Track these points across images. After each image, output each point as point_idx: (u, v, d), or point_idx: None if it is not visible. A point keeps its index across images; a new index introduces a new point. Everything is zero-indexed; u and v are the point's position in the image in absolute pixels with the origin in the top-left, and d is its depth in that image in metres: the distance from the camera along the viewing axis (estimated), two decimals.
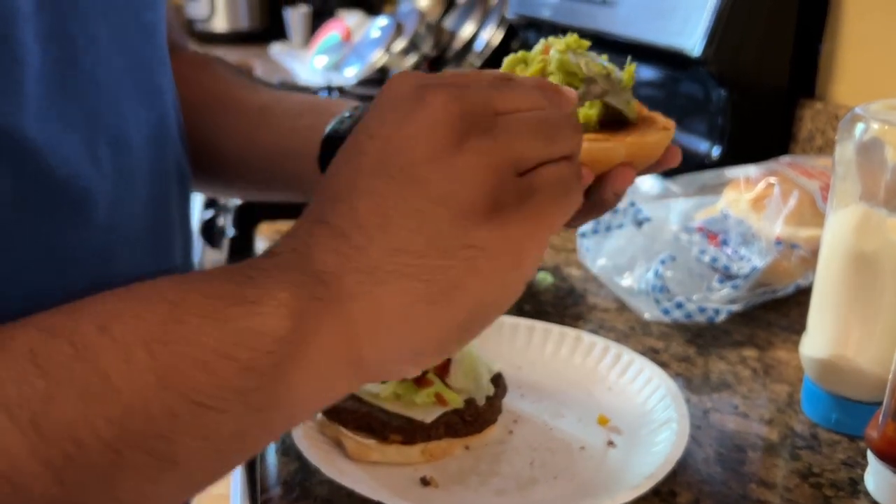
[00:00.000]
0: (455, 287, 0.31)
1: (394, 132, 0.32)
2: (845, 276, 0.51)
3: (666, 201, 0.77)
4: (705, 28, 0.95)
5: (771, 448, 0.54)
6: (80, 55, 0.39)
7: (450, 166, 0.31)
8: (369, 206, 0.31)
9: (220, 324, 0.28)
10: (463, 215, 0.31)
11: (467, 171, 0.31)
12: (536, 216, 0.32)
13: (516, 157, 0.32)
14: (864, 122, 0.50)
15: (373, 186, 0.31)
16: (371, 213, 0.31)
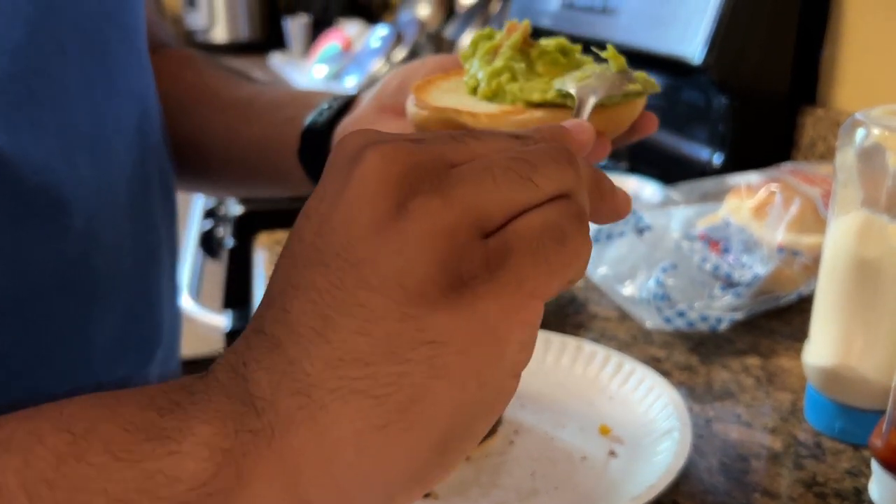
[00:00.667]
0: (415, 400, 0.24)
1: (329, 208, 0.25)
2: (848, 284, 0.51)
3: (667, 209, 0.76)
4: (706, 36, 0.95)
5: (774, 457, 0.53)
6: (50, 64, 0.38)
7: (391, 240, 0.24)
8: (303, 306, 0.25)
9: (127, 465, 0.23)
10: (413, 302, 0.24)
11: (412, 242, 0.24)
12: (516, 285, 0.24)
13: (477, 212, 0.25)
14: (864, 127, 0.50)
15: (307, 280, 0.25)
16: (306, 315, 0.24)
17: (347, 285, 0.24)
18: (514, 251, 0.25)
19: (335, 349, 0.24)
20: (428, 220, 0.24)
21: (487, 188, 0.25)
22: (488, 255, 0.24)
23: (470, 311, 0.24)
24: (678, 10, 1.00)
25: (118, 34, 0.46)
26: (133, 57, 0.48)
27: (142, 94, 0.49)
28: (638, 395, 0.57)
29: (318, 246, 0.25)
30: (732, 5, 0.94)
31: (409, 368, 0.24)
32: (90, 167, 0.42)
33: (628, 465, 0.51)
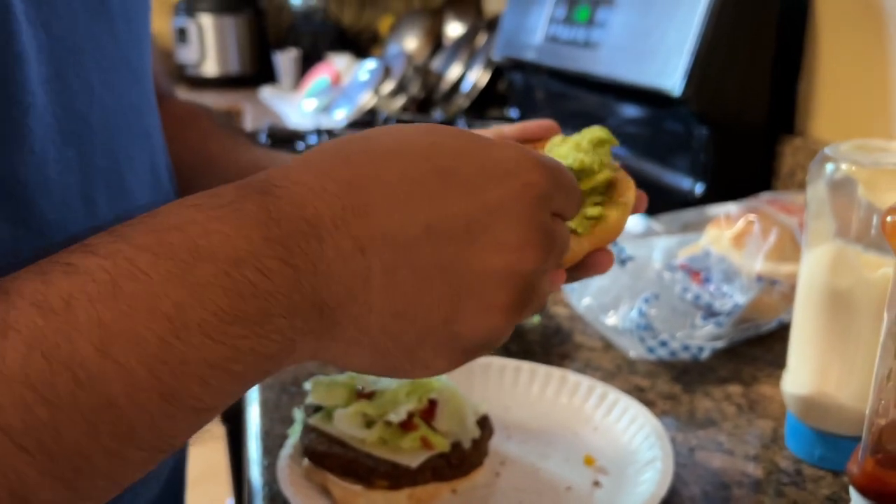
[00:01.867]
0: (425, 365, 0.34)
1: (484, 250, 0.32)
2: (822, 314, 0.52)
3: (649, 239, 0.78)
4: (685, 69, 0.97)
5: (756, 485, 0.54)
6: (75, 99, 0.40)
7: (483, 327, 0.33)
8: (408, 289, 0.32)
9: (220, 342, 0.28)
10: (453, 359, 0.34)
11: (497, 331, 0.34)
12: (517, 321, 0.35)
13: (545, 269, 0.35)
14: (833, 162, 0.51)
15: (428, 277, 0.32)
16: (403, 295, 0.31)
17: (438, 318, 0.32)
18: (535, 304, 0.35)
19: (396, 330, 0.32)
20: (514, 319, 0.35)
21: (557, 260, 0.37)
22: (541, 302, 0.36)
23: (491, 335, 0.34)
24: (658, 44, 1.03)
25: (131, 77, 0.47)
26: (144, 100, 0.49)
27: (151, 134, 0.50)
28: (621, 425, 0.58)
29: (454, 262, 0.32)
30: (710, 39, 0.96)
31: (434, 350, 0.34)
32: (106, 205, 0.43)
33: (612, 495, 0.52)
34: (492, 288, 0.33)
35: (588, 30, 1.20)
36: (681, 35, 0.99)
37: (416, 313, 0.32)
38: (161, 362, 0.27)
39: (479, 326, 0.33)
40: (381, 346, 0.32)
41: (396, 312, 0.31)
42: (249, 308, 0.28)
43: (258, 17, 2.52)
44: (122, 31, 0.44)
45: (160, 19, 2.54)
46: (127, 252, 0.28)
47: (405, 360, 0.33)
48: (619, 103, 1.20)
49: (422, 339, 0.32)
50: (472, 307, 0.32)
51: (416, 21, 2.24)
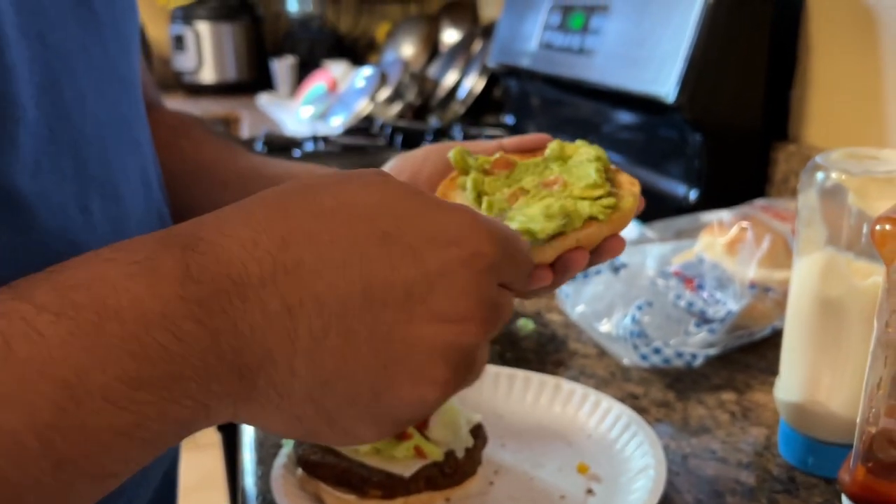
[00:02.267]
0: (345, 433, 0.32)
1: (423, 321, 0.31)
2: (813, 322, 0.52)
3: (642, 246, 0.78)
4: (678, 75, 0.98)
5: (749, 493, 0.54)
6: (70, 108, 0.40)
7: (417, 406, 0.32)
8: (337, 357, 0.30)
9: (124, 409, 0.26)
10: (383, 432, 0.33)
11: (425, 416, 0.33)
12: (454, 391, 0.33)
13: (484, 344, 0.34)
14: (824, 171, 0.51)
15: (360, 346, 0.30)
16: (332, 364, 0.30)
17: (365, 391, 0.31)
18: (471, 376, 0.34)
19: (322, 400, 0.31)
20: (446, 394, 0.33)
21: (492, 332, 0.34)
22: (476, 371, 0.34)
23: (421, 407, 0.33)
24: (652, 51, 1.03)
25: (121, 87, 0.47)
26: (134, 110, 0.50)
27: (141, 142, 0.51)
28: (615, 433, 0.58)
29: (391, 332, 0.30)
30: (704, 47, 0.97)
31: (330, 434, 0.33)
32: (102, 212, 0.43)
33: (605, 503, 0.52)
34: (427, 361, 0.31)
35: (582, 37, 1.21)
36: (674, 42, 0.99)
37: (342, 382, 0.30)
38: (54, 430, 0.25)
39: (410, 399, 0.31)
40: (300, 412, 0.31)
41: (322, 381, 0.30)
42: (158, 372, 0.26)
43: (255, 24, 2.52)
44: (110, 41, 0.45)
45: (157, 27, 2.54)
46: (24, 311, 0.26)
47: (325, 428, 0.32)
48: (613, 110, 1.21)
49: (344, 409, 0.31)
50: (404, 379, 0.31)
51: (413, 28, 2.25)
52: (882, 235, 0.44)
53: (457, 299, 0.31)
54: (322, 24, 2.57)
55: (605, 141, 1.25)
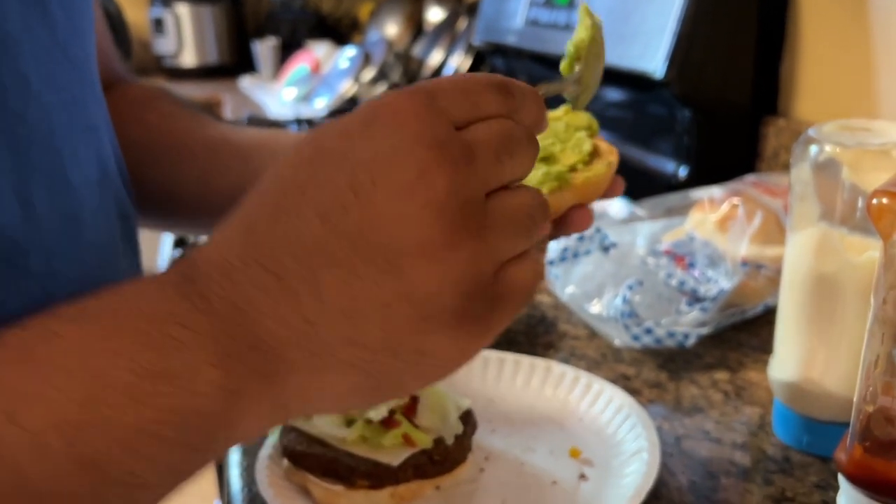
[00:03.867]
0: (394, 385, 0.30)
1: (386, 200, 0.28)
2: (807, 299, 0.51)
3: (632, 225, 0.77)
4: (667, 51, 0.96)
5: (744, 473, 0.53)
6: (8, 96, 0.38)
7: (435, 267, 0.28)
8: (336, 281, 0.28)
9: (144, 404, 0.26)
10: (429, 320, 0.28)
11: (451, 276, 0.28)
12: (497, 326, 0.30)
13: (499, 261, 0.30)
14: (817, 144, 0.50)
15: (347, 260, 0.28)
16: (338, 292, 0.28)
17: (384, 286, 0.28)
18: (508, 300, 0.30)
19: (354, 332, 0.28)
20: (469, 263, 0.28)
21: (509, 240, 0.30)
22: (495, 299, 0.30)
23: (461, 341, 0.29)
24: (640, 26, 1.01)
25: (71, 68, 0.45)
26: (87, 90, 0.47)
27: (96, 126, 0.49)
28: (607, 415, 0.57)
29: (366, 232, 0.28)
30: (692, 21, 0.95)
31: (400, 365, 0.29)
32: (47, 205, 0.41)
33: (598, 487, 0.51)
34: (418, 231, 0.28)
35: (569, 13, 1.19)
36: (662, 17, 0.97)
37: (363, 302, 0.28)
38: (76, 427, 0.25)
39: (435, 274, 0.28)
40: (353, 361, 0.29)
41: (343, 314, 0.28)
42: (175, 363, 0.26)
43: (236, 5, 2.48)
44: (59, 20, 0.42)
45: (136, 10, 2.50)
46: (43, 319, 0.27)
47: (392, 362, 0.29)
48: (602, 87, 1.19)
49: (392, 326, 0.28)
50: (414, 261, 0.28)
51: (397, 7, 2.22)
52: (879, 209, 0.42)
53: (402, 159, 0.28)
54: (304, 4, 2.53)
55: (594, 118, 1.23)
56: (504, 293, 0.30)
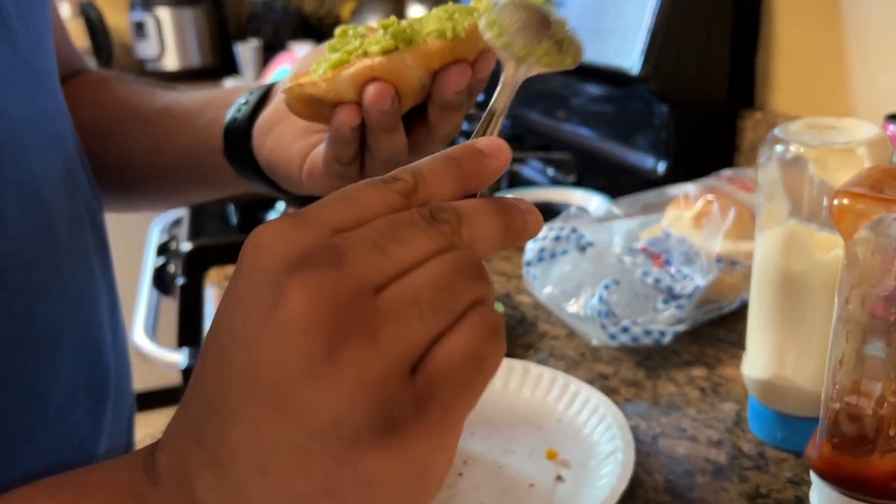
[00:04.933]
0: None
1: (257, 336, 0.25)
2: (777, 297, 0.52)
3: (608, 223, 0.77)
4: (642, 47, 0.96)
5: (719, 471, 0.54)
6: None
7: (325, 388, 0.24)
8: (243, 436, 0.26)
9: None
10: (351, 447, 0.25)
11: (346, 391, 0.24)
12: (443, 421, 0.25)
13: (406, 355, 0.25)
14: (783, 143, 0.51)
15: (243, 410, 0.25)
16: (246, 446, 0.26)
17: (285, 427, 0.25)
18: (440, 389, 0.25)
19: (276, 486, 0.25)
20: (361, 370, 0.24)
21: (414, 327, 0.25)
22: (416, 396, 0.25)
23: (402, 452, 0.25)
24: (615, 22, 1.02)
25: (36, 81, 0.45)
26: (51, 100, 0.48)
27: (62, 135, 0.49)
28: (583, 416, 0.58)
29: (251, 376, 0.25)
30: (667, 17, 0.96)
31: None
32: (21, 220, 0.41)
33: (575, 489, 0.52)
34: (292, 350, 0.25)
35: None
36: (637, 13, 0.98)
37: (273, 450, 0.26)
38: None
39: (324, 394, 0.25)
40: None
41: (260, 469, 0.26)
42: None
43: (217, 7, 2.47)
44: (20, 34, 0.43)
45: (117, 14, 2.49)
46: (14, 497, 0.29)
47: None
48: (581, 84, 1.19)
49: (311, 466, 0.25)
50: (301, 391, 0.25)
51: (378, 5, 2.21)
52: (840, 210, 0.43)
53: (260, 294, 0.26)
54: (286, 5, 2.52)
55: (574, 115, 1.24)
56: (433, 382, 0.25)
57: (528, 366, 0.63)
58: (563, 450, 0.55)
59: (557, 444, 0.56)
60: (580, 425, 0.57)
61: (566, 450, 0.55)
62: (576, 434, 0.57)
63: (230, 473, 0.26)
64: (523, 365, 0.63)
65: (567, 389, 0.60)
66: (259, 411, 0.25)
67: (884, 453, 0.43)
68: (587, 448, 0.55)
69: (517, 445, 0.57)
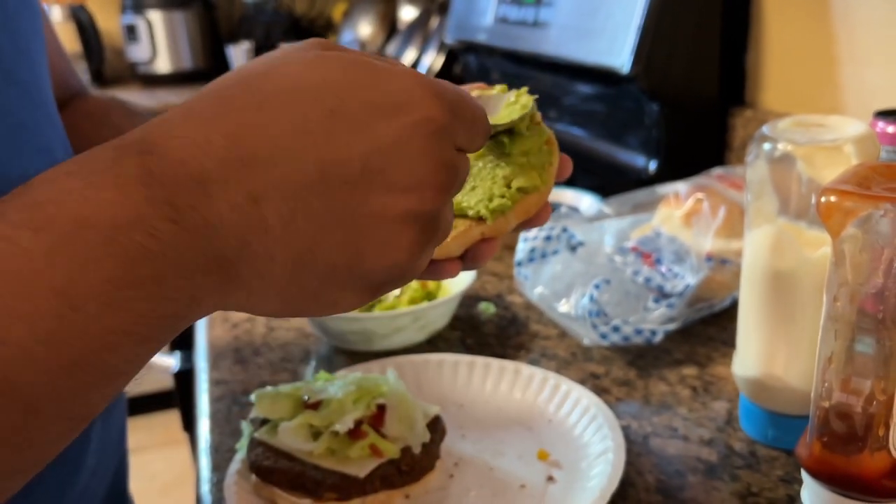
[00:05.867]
0: (304, 313, 0.34)
1: (381, 192, 0.31)
2: (766, 296, 0.52)
3: (599, 223, 0.77)
4: (632, 46, 0.96)
5: (710, 470, 0.54)
6: None
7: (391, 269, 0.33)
8: (307, 233, 0.31)
9: (118, 308, 0.27)
10: (354, 289, 0.33)
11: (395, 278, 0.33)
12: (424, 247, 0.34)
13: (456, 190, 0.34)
14: (771, 141, 0.50)
15: (324, 221, 0.31)
16: (303, 240, 0.31)
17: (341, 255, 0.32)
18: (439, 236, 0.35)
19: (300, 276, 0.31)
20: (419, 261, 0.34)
21: None
22: None
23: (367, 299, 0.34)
24: (605, 21, 1.02)
25: (18, 92, 0.45)
26: (39, 114, 0.47)
27: (50, 148, 0.48)
28: (574, 417, 0.58)
29: (352, 206, 0.31)
30: (657, 15, 0.95)
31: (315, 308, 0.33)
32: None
33: (566, 490, 0.51)
34: (392, 229, 0.32)
35: (536, 9, 1.18)
36: (627, 12, 0.98)
37: (317, 258, 0.31)
38: (57, 336, 0.26)
39: (383, 265, 0.33)
40: (285, 292, 0.32)
41: (298, 259, 0.31)
42: (144, 271, 0.27)
43: (208, 10, 2.47)
44: (5, 47, 0.42)
45: (108, 17, 2.48)
46: (3, 231, 0.26)
47: (311, 302, 0.33)
48: (571, 83, 1.19)
49: (326, 282, 0.32)
50: (374, 247, 0.32)
51: (370, 6, 2.21)
52: (827, 207, 0.43)
53: (412, 166, 0.32)
54: (277, 7, 2.52)
55: (565, 114, 1.24)
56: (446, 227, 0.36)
57: (520, 366, 0.63)
58: (554, 451, 0.55)
59: (548, 444, 0.56)
60: (571, 426, 0.57)
61: (557, 451, 0.55)
62: (567, 435, 0.57)
63: (271, 243, 0.30)
64: (514, 366, 0.63)
65: (558, 390, 0.60)
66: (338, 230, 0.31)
67: (874, 451, 0.43)
68: (578, 449, 0.55)
69: (508, 447, 0.57)
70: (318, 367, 0.69)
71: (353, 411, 0.52)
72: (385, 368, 0.62)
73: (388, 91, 0.32)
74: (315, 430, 0.52)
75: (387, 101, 0.32)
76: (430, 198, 0.32)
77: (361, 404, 0.53)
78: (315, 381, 0.57)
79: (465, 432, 0.59)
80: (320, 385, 0.55)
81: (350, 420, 0.51)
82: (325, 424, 0.51)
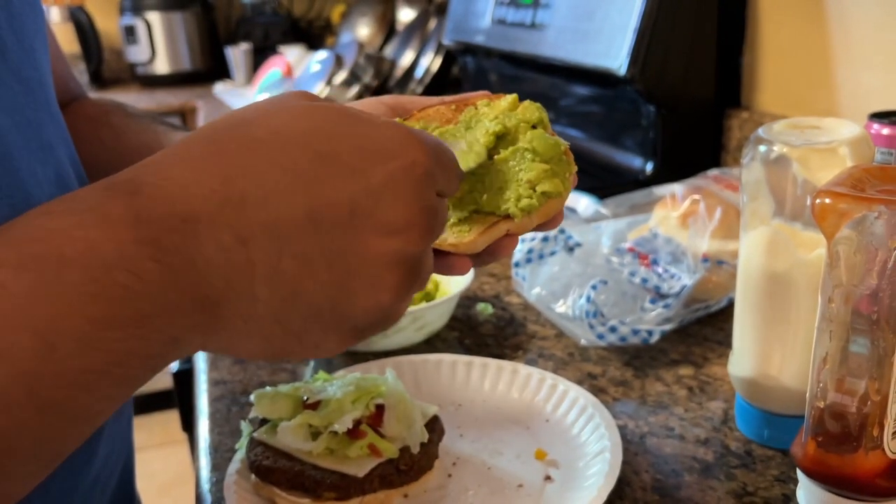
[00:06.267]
0: (286, 355, 0.34)
1: (369, 234, 0.32)
2: (762, 297, 0.52)
3: (597, 224, 0.77)
4: (629, 48, 0.97)
5: (707, 469, 0.54)
6: None
7: (375, 312, 0.33)
8: (294, 275, 0.31)
9: (96, 349, 0.27)
10: (338, 332, 0.34)
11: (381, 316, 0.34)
12: None
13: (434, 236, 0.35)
14: (766, 143, 0.51)
15: (313, 263, 0.31)
16: (290, 282, 0.31)
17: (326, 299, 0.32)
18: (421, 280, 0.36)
19: (284, 317, 0.32)
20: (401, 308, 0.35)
21: None
22: None
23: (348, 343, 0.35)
24: (602, 23, 1.02)
25: (23, 90, 0.45)
26: (41, 110, 0.48)
27: (52, 145, 0.49)
28: (571, 416, 0.58)
29: (341, 249, 0.31)
30: (653, 17, 0.96)
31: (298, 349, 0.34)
32: (9, 219, 0.41)
33: (563, 489, 0.52)
34: (379, 270, 0.32)
35: (534, 11, 1.19)
36: (624, 14, 0.98)
37: (302, 301, 0.31)
38: (35, 376, 0.26)
39: (368, 306, 0.33)
40: (268, 334, 0.32)
41: (284, 302, 0.31)
42: (124, 312, 0.27)
43: (207, 11, 2.47)
44: (10, 45, 0.43)
45: (107, 18, 2.48)
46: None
47: (294, 344, 0.33)
48: (568, 84, 1.19)
49: (310, 323, 0.32)
50: (360, 290, 0.32)
51: (368, 8, 2.22)
52: (822, 209, 0.43)
53: (400, 209, 0.32)
54: (276, 9, 2.52)
55: (562, 116, 1.24)
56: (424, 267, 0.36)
57: (517, 367, 0.64)
58: (551, 450, 0.56)
59: (546, 444, 0.56)
60: (568, 426, 0.57)
61: (554, 450, 0.56)
62: (564, 434, 0.57)
63: (258, 284, 0.30)
64: (512, 366, 0.64)
65: (555, 390, 0.61)
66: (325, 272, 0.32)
67: (868, 451, 0.44)
68: (575, 448, 0.55)
69: (506, 446, 0.57)
70: (317, 367, 0.69)
71: (351, 411, 0.52)
72: (384, 368, 0.63)
73: (375, 137, 0.33)
74: (314, 430, 0.52)
75: (375, 147, 0.32)
76: (415, 240, 0.33)
77: (360, 404, 0.53)
78: (314, 381, 0.57)
79: (463, 432, 0.59)
80: (319, 385, 0.56)
81: (349, 420, 0.51)
82: (324, 424, 0.51)
